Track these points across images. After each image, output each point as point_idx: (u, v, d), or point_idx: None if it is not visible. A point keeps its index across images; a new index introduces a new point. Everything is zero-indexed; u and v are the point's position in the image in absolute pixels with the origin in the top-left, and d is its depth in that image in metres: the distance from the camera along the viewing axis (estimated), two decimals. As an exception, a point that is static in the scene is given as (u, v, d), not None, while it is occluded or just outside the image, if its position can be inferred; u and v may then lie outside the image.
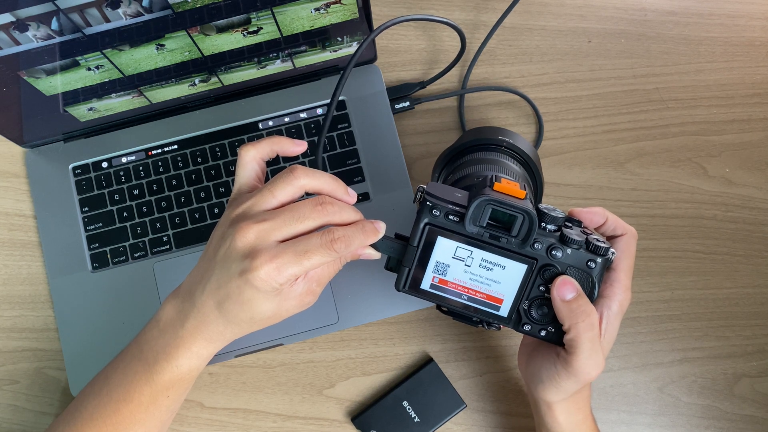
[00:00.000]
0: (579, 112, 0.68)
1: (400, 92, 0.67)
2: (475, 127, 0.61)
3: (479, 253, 0.44)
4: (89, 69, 0.56)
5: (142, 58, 0.56)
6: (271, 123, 0.66)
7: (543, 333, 0.46)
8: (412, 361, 0.63)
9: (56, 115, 0.62)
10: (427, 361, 0.62)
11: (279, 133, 0.66)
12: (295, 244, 0.43)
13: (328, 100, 0.66)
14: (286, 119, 0.66)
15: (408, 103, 0.67)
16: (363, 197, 0.64)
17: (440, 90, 0.69)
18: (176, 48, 0.56)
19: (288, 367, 0.63)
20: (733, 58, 0.70)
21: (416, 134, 0.68)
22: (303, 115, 0.66)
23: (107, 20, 0.51)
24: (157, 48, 0.56)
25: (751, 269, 0.65)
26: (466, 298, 0.46)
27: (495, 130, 0.57)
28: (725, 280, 0.65)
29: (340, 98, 0.66)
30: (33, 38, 0.50)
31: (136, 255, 0.64)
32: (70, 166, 0.66)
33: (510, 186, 0.43)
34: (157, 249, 0.64)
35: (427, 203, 0.43)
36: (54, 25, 0.49)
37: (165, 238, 0.64)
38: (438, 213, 0.43)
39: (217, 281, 0.45)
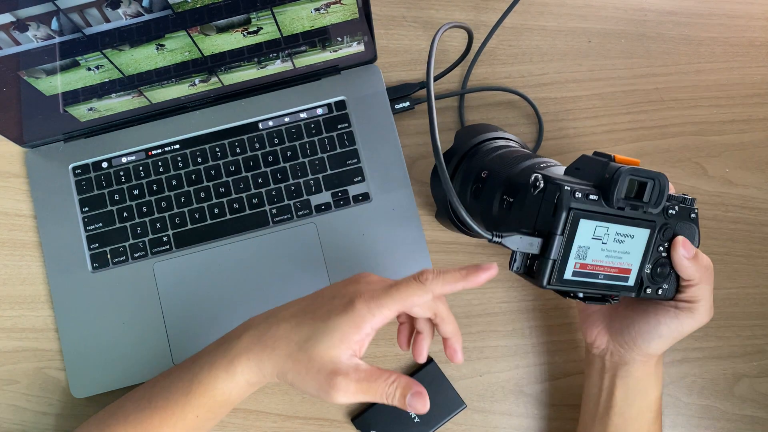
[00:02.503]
0: (579, 112, 0.68)
1: (400, 92, 0.67)
2: (462, 129, 0.61)
3: (614, 228, 0.44)
4: (89, 69, 0.56)
5: (142, 58, 0.56)
6: (271, 123, 0.66)
7: (660, 292, 0.48)
8: (412, 361, 0.63)
9: (56, 115, 0.62)
10: (427, 361, 0.62)
11: (279, 133, 0.66)
12: (387, 284, 0.44)
13: (329, 101, 0.66)
14: (286, 119, 0.66)
15: (408, 103, 0.67)
16: (363, 197, 0.64)
17: (440, 90, 0.69)
18: (176, 48, 0.56)
19: (288, 367, 0.63)
20: (733, 58, 0.70)
21: (416, 134, 0.68)
22: (303, 115, 0.66)
23: (107, 20, 0.51)
24: (157, 48, 0.56)
25: (751, 269, 0.65)
26: (602, 276, 0.45)
27: (483, 127, 0.58)
28: (725, 280, 0.65)
29: (340, 98, 0.66)
30: (33, 38, 0.50)
31: (136, 255, 0.64)
32: (70, 166, 0.66)
33: (625, 158, 0.44)
34: (157, 249, 0.64)
35: (566, 188, 0.42)
36: (54, 25, 0.49)
37: (165, 238, 0.64)
38: (579, 195, 0.42)
39: (311, 303, 0.45)
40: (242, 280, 0.63)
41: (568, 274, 0.44)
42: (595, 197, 0.43)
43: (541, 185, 0.43)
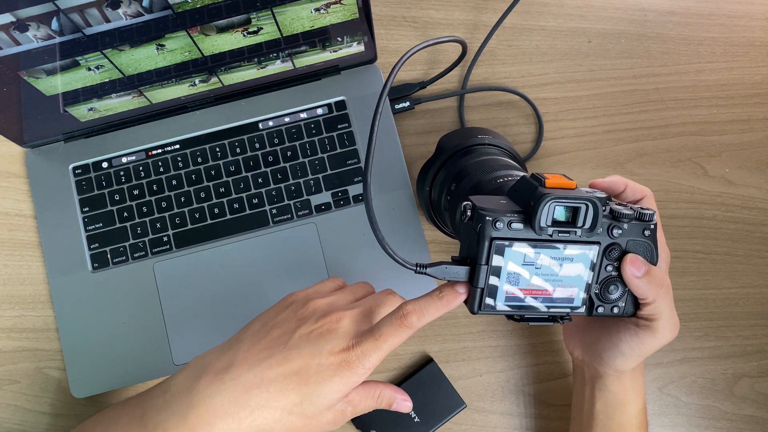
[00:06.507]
0: (579, 112, 0.68)
1: (400, 92, 0.67)
2: (447, 133, 0.61)
3: (548, 253, 0.43)
4: (89, 69, 0.56)
5: (142, 58, 0.56)
6: (271, 123, 0.66)
7: (615, 310, 0.47)
8: (412, 361, 0.63)
9: (56, 115, 0.62)
10: (427, 361, 0.62)
11: (279, 133, 0.66)
12: (371, 330, 0.43)
13: (329, 101, 0.66)
14: (286, 119, 0.66)
15: (408, 104, 0.67)
16: (363, 197, 0.64)
17: (440, 90, 0.69)
18: (176, 48, 0.56)
19: (288, 367, 0.63)
20: (733, 58, 0.70)
21: (416, 134, 0.68)
22: (303, 115, 0.66)
23: (107, 20, 0.51)
24: (157, 48, 0.56)
25: (751, 269, 0.65)
26: (542, 300, 0.45)
27: (469, 131, 0.58)
28: (725, 280, 0.65)
29: (340, 98, 0.66)
30: (33, 38, 0.50)
31: (136, 255, 0.64)
32: (71, 166, 0.66)
33: (559, 180, 0.43)
34: (157, 249, 0.64)
35: (487, 218, 0.42)
36: (54, 25, 0.49)
37: (165, 238, 0.64)
38: (501, 225, 0.42)
39: (286, 357, 0.43)
40: (242, 280, 0.63)
41: (500, 300, 0.44)
42: (520, 225, 0.42)
43: (469, 214, 0.44)
